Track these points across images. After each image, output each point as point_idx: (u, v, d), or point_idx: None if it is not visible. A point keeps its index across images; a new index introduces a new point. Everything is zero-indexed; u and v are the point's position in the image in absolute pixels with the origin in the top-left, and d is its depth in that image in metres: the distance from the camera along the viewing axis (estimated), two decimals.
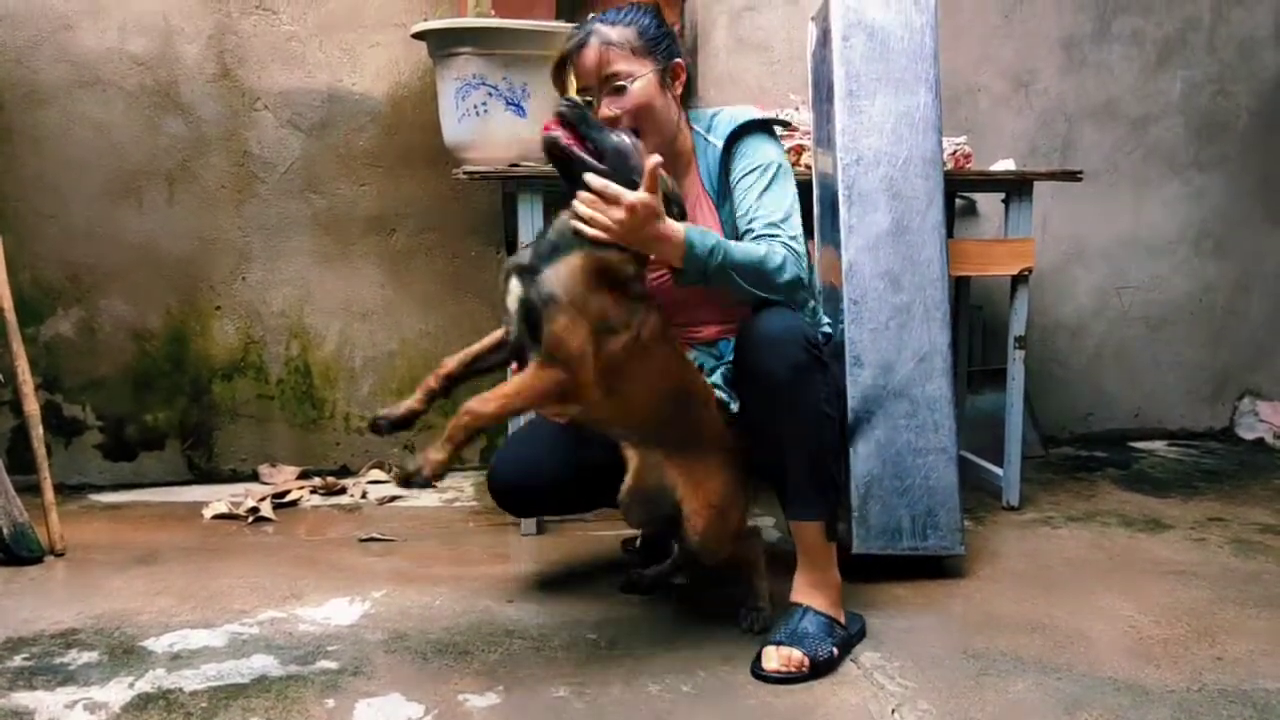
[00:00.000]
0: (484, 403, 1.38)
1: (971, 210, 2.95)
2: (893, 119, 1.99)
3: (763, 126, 1.67)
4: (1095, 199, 3.02)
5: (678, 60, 1.66)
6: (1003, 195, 2.37)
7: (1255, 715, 1.41)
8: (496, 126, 2.21)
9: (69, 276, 2.50)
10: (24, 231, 2.45)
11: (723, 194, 1.66)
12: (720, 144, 1.65)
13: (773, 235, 1.57)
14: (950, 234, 2.71)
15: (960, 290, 2.70)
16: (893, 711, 1.41)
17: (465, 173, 2.16)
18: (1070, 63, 2.97)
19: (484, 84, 2.20)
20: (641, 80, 1.59)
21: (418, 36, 2.30)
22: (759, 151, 1.64)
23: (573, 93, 1.63)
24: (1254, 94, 3.07)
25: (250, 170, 2.56)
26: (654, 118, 1.61)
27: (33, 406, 2.03)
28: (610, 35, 1.60)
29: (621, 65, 1.59)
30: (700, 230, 1.51)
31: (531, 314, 1.41)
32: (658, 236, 1.45)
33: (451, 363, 1.53)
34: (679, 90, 1.67)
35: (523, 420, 1.79)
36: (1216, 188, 3.10)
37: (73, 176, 2.47)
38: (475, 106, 2.21)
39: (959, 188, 2.62)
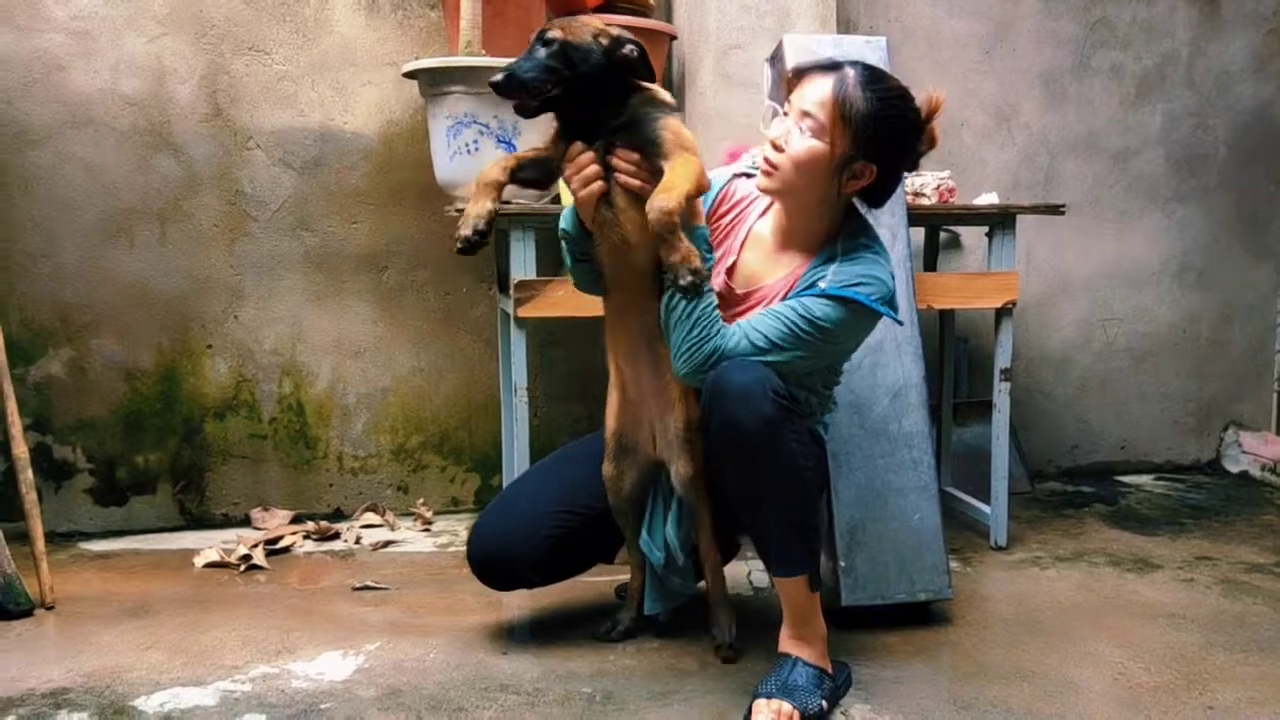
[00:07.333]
0: (667, 196, 1.42)
1: (955, 244, 2.98)
2: None
3: (865, 312, 1.55)
4: (1078, 231, 3.06)
5: (874, 166, 1.55)
6: (986, 229, 2.39)
7: None
8: (488, 164, 2.22)
9: (60, 317, 2.49)
10: (14, 272, 2.45)
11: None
12: (825, 287, 1.54)
13: (744, 335, 1.51)
14: (934, 267, 2.76)
15: (945, 323, 2.73)
16: None
17: (457, 210, 2.18)
18: (1051, 97, 3.02)
19: (475, 122, 2.22)
20: (821, 148, 1.52)
21: (409, 76, 2.31)
22: (826, 311, 1.52)
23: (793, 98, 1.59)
24: (1231, 126, 3.12)
25: (242, 209, 2.56)
26: (795, 178, 1.55)
27: (22, 449, 2.02)
28: (849, 93, 1.52)
29: (823, 118, 1.52)
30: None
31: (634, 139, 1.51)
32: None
33: (511, 160, 1.57)
34: (850, 190, 1.58)
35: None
36: (1197, 219, 3.14)
37: (64, 217, 2.47)
38: (467, 145, 2.23)
39: (943, 221, 2.65)
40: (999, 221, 2.34)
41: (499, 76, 1.49)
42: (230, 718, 1.53)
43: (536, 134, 2.25)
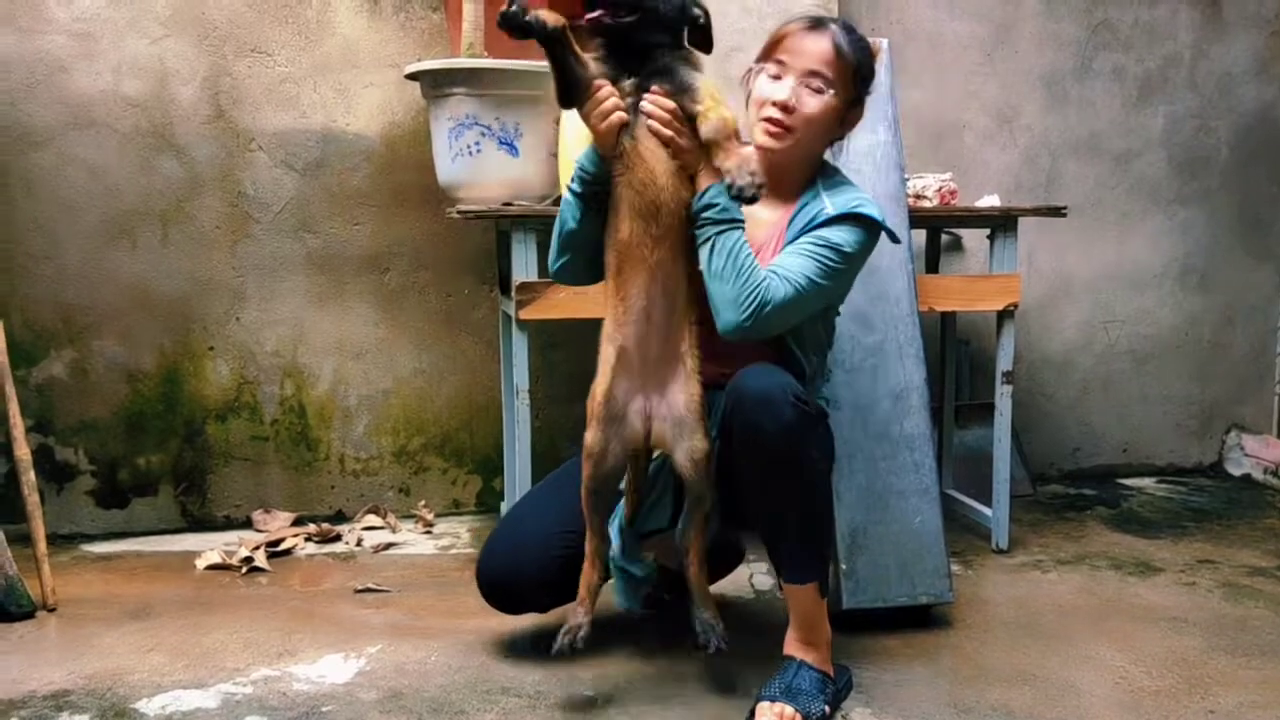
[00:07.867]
0: (719, 110, 1.46)
1: (957, 246, 2.98)
2: (855, 158, 2.01)
3: (873, 226, 1.62)
4: (1080, 234, 3.06)
5: (859, 109, 1.69)
6: (988, 231, 2.40)
7: None
8: (489, 166, 2.23)
9: (62, 318, 2.50)
10: (16, 273, 2.45)
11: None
12: (832, 212, 1.60)
13: (782, 281, 1.51)
14: (935, 270, 2.76)
15: (946, 325, 2.73)
16: None
17: (459, 212, 2.18)
18: (1053, 99, 3.02)
19: (477, 124, 2.22)
20: (833, 100, 1.62)
21: (411, 77, 2.31)
22: (844, 236, 1.58)
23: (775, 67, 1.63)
24: (1234, 129, 3.12)
25: (244, 210, 2.57)
26: (809, 133, 1.63)
27: (24, 451, 2.02)
28: (843, 44, 1.62)
29: (832, 74, 1.61)
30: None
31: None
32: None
33: (564, 26, 1.49)
34: (845, 133, 1.71)
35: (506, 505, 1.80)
36: (1199, 222, 3.14)
37: (66, 218, 2.47)
38: (468, 146, 2.23)
39: (944, 223, 2.65)
40: (1000, 224, 2.34)
41: None
42: None
43: (538, 137, 2.25)
